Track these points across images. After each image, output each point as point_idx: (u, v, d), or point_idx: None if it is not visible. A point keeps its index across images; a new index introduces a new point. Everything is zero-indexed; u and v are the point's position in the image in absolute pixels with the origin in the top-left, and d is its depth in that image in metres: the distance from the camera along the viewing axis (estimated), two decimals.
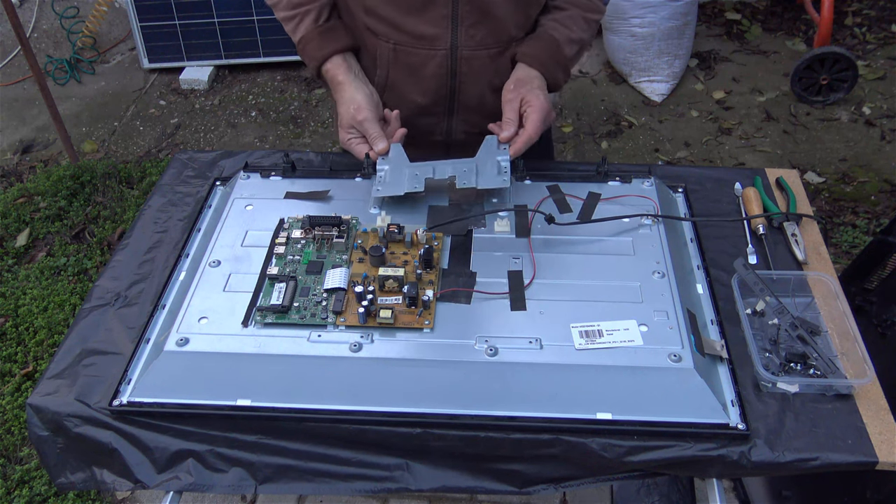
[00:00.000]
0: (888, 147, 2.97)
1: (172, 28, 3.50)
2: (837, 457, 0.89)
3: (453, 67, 1.23)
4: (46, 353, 2.27)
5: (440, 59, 1.22)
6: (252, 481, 0.97)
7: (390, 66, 1.26)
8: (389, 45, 1.23)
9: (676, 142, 3.08)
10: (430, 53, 1.21)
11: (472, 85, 1.25)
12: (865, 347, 0.97)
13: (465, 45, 1.20)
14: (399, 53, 1.23)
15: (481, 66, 1.23)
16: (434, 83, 1.26)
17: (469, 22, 1.18)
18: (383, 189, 1.17)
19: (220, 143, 3.24)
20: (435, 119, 1.32)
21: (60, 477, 1.02)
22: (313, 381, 0.95)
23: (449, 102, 1.29)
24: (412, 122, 1.29)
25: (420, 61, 1.23)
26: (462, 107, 1.29)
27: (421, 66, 1.23)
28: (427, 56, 1.22)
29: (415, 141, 1.27)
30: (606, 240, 1.13)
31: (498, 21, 1.20)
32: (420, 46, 1.21)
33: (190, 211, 1.25)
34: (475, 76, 1.24)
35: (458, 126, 1.33)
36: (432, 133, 1.34)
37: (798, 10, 3.75)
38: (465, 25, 1.18)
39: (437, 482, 0.96)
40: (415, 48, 1.21)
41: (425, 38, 1.20)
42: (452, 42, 1.20)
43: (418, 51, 1.21)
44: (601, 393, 0.93)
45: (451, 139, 1.35)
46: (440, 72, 1.24)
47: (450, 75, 1.25)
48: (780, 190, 1.28)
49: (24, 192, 2.91)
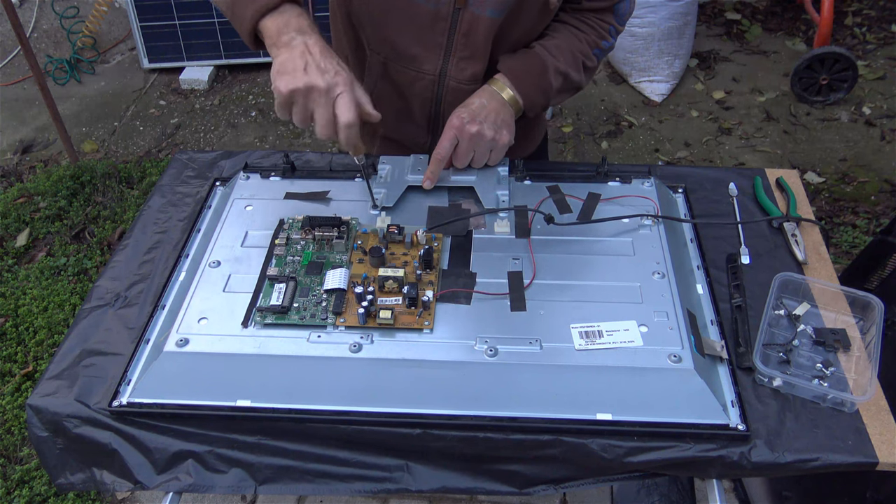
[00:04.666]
0: (888, 147, 2.97)
1: (172, 28, 3.50)
2: (837, 457, 0.89)
3: (439, 94, 1.23)
4: (46, 353, 2.27)
5: (427, 83, 1.22)
6: (252, 482, 0.97)
7: (378, 78, 1.26)
8: (380, 59, 1.23)
9: (676, 142, 3.08)
10: (418, 76, 1.21)
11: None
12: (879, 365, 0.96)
13: (453, 76, 1.20)
14: (389, 69, 1.24)
15: (466, 96, 1.20)
16: (419, 103, 1.26)
17: (461, 55, 1.18)
18: (383, 199, 1.19)
19: (220, 144, 3.24)
20: (418, 130, 1.32)
21: (60, 477, 1.02)
22: (313, 382, 0.95)
23: (432, 123, 1.30)
24: (396, 128, 1.30)
25: (408, 81, 1.23)
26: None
27: (408, 85, 1.23)
28: (415, 77, 1.22)
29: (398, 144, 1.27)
30: (606, 240, 1.13)
31: (485, 60, 1.19)
32: (410, 67, 1.21)
33: (190, 211, 1.25)
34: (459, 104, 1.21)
35: None
36: (415, 142, 1.35)
37: (798, 10, 3.76)
38: (457, 58, 1.18)
39: (436, 483, 0.96)
40: (405, 67, 1.21)
41: (416, 60, 1.20)
42: (442, 70, 1.20)
43: (408, 70, 1.21)
44: (601, 393, 0.93)
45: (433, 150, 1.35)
46: (426, 94, 1.24)
47: (435, 101, 1.25)
48: (780, 190, 1.28)
49: (24, 192, 2.91)
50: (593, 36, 1.24)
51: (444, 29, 1.15)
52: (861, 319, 1.04)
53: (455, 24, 1.14)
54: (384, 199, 1.19)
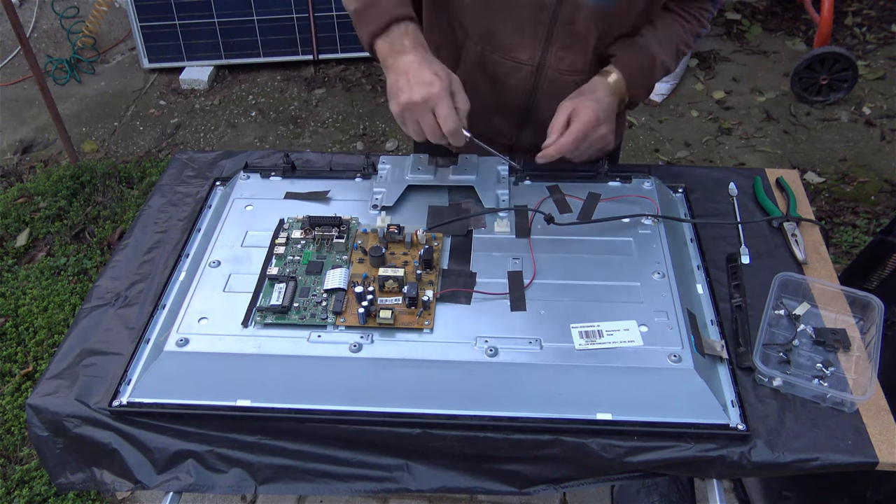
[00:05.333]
0: (888, 147, 2.97)
1: (172, 28, 3.49)
2: (837, 457, 0.89)
3: (536, 84, 1.22)
4: (46, 353, 2.27)
5: (525, 74, 1.20)
6: (252, 482, 0.97)
7: (474, 69, 1.24)
8: (477, 49, 1.21)
9: (676, 142, 3.08)
10: (517, 67, 1.20)
11: (551, 103, 1.21)
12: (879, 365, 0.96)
13: (552, 66, 1.19)
14: (486, 59, 1.21)
15: (564, 87, 1.20)
16: (513, 95, 1.24)
17: (560, 44, 1.16)
18: (384, 198, 1.19)
19: (220, 143, 3.24)
20: (506, 123, 1.31)
21: (60, 477, 1.02)
22: (313, 382, 0.95)
23: (524, 115, 1.28)
24: (483, 118, 1.27)
25: (505, 72, 1.21)
26: (536, 121, 1.27)
27: (505, 76, 1.21)
28: (513, 68, 1.20)
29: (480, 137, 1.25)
30: (606, 240, 1.13)
31: (586, 49, 1.17)
32: (508, 58, 1.19)
33: (190, 211, 1.25)
34: (555, 95, 1.21)
35: (527, 137, 1.31)
36: (499, 135, 1.32)
37: (798, 10, 3.75)
38: (557, 47, 1.17)
39: (436, 482, 0.96)
40: (502, 58, 1.20)
41: (515, 51, 1.18)
42: (540, 60, 1.18)
43: (505, 61, 1.20)
44: (601, 393, 0.93)
45: (516, 145, 1.34)
46: (522, 86, 1.22)
47: (531, 91, 1.23)
48: (781, 190, 1.28)
49: (24, 192, 2.91)
50: (695, 24, 1.23)
51: (545, 18, 1.13)
52: (861, 319, 1.04)
53: (557, 13, 1.12)
54: (384, 199, 1.19)
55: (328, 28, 3.50)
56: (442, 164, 1.23)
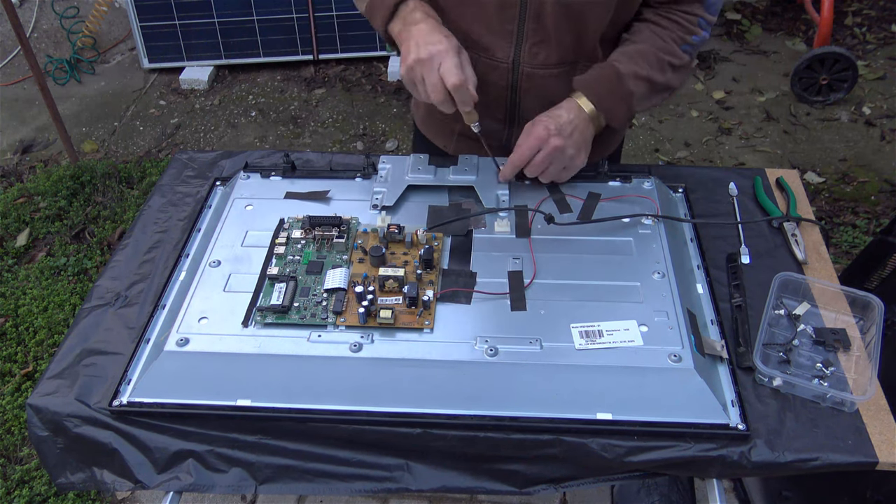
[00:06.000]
0: (888, 147, 2.97)
1: (172, 28, 3.50)
2: (837, 457, 0.89)
3: (514, 82, 1.22)
4: (46, 353, 2.27)
5: (502, 71, 1.21)
6: (252, 481, 0.97)
7: None
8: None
9: (676, 142, 3.08)
10: (493, 64, 1.21)
11: (534, 100, 1.23)
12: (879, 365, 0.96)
13: (527, 62, 1.19)
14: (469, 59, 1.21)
15: (543, 83, 1.21)
16: (495, 93, 1.25)
17: (532, 41, 1.17)
18: (384, 198, 1.19)
19: (220, 143, 3.24)
20: (495, 123, 1.31)
21: (60, 477, 1.02)
22: (313, 382, 0.95)
23: (510, 113, 1.28)
24: None
25: (484, 70, 1.21)
26: (523, 119, 1.26)
27: (483, 75, 1.21)
28: (490, 66, 1.21)
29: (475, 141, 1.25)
30: (606, 240, 1.13)
31: (559, 44, 1.18)
32: (484, 56, 1.20)
33: (190, 211, 1.25)
34: (537, 92, 1.22)
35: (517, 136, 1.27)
36: (493, 137, 1.32)
37: (798, 10, 3.76)
38: (529, 44, 1.17)
39: (437, 482, 0.96)
40: (479, 56, 1.21)
41: (489, 49, 1.19)
42: (515, 57, 1.19)
43: (482, 60, 1.21)
44: (601, 393, 0.93)
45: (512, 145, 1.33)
46: (501, 83, 1.23)
47: (511, 89, 1.24)
48: (781, 190, 1.28)
49: (24, 192, 2.91)
50: (679, 32, 1.19)
51: (513, 16, 1.14)
52: (861, 319, 1.04)
53: (524, 10, 1.13)
54: (384, 199, 1.19)
55: (328, 28, 3.51)
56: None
